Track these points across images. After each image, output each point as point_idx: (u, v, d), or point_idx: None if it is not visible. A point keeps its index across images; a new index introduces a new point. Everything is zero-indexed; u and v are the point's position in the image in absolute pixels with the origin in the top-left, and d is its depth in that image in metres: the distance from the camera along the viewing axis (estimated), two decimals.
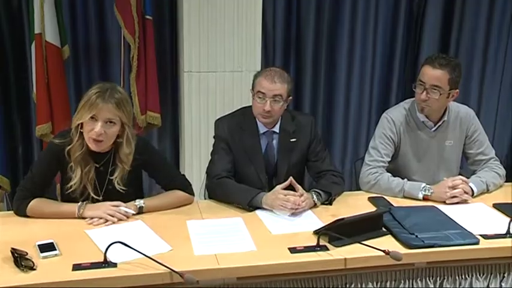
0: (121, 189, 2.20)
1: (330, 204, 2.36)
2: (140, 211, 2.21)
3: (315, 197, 2.32)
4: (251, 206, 2.27)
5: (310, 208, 2.31)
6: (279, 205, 2.21)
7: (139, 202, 2.21)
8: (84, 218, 2.14)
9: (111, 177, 2.20)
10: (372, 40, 4.08)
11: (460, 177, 2.46)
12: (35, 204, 2.16)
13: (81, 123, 2.10)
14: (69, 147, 2.14)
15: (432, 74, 2.43)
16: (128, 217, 2.15)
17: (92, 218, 2.12)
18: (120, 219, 2.14)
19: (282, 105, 2.42)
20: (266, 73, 2.41)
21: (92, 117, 2.07)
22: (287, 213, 2.22)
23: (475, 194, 2.45)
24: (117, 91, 2.13)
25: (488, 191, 2.52)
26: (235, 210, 2.29)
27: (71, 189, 2.17)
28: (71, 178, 2.17)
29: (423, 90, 2.46)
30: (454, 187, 2.39)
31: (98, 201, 2.21)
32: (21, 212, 2.17)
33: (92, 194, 2.20)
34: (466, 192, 2.40)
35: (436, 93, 2.44)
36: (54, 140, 2.20)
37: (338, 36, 4.04)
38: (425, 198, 2.40)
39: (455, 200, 2.37)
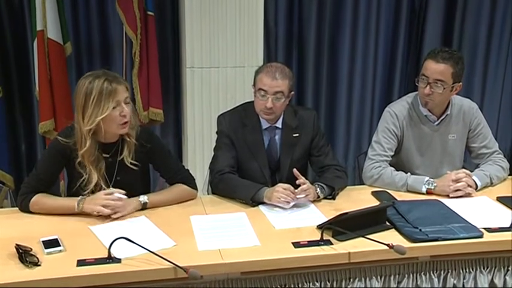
0: (132, 167, 2.21)
1: (333, 198, 2.36)
2: (144, 207, 2.21)
3: (318, 190, 2.31)
4: (254, 201, 2.27)
5: (313, 202, 2.31)
6: (275, 197, 2.21)
7: (143, 198, 2.22)
8: (84, 212, 2.12)
9: (120, 159, 2.21)
10: (374, 34, 4.07)
11: (464, 170, 2.45)
12: (37, 199, 2.16)
13: (94, 120, 2.09)
14: (82, 151, 2.13)
15: (435, 68, 2.42)
16: (121, 200, 2.12)
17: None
18: (116, 208, 2.11)
19: (283, 102, 2.41)
20: (267, 69, 2.40)
21: (116, 104, 2.10)
22: (285, 206, 2.22)
23: (478, 188, 2.44)
24: (111, 72, 2.17)
25: (491, 184, 2.51)
26: (239, 206, 2.29)
27: (89, 190, 2.17)
28: (80, 174, 2.18)
29: (426, 84, 2.45)
30: (457, 180, 2.38)
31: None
32: (25, 208, 2.17)
33: (104, 186, 2.19)
34: (469, 186, 2.39)
35: (439, 87, 2.43)
36: (58, 137, 2.20)
37: (340, 31, 4.03)
38: (428, 192, 2.40)
39: (458, 193, 2.37)
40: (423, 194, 2.40)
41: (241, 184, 2.36)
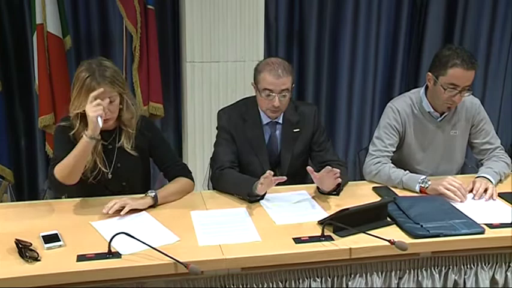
0: (131, 151, 2.23)
1: (337, 194, 2.33)
2: (155, 201, 2.17)
3: None
4: (251, 196, 2.24)
5: (314, 197, 2.29)
6: (259, 182, 2.15)
7: (151, 192, 2.18)
8: (96, 139, 2.07)
9: (118, 146, 2.23)
10: (375, 30, 4.06)
11: (480, 180, 2.38)
12: (58, 165, 2.12)
13: (80, 105, 2.10)
14: (73, 132, 2.16)
15: (466, 75, 2.38)
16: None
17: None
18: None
19: (288, 97, 2.40)
20: (269, 67, 2.35)
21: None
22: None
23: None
24: (105, 67, 2.12)
25: (500, 181, 2.49)
26: (239, 201, 2.28)
27: (85, 168, 2.17)
28: None
29: (457, 93, 2.39)
30: (447, 188, 2.28)
31: (108, 175, 2.24)
32: (55, 183, 2.12)
33: (102, 168, 2.21)
34: (486, 190, 2.32)
35: (469, 91, 2.42)
36: (60, 123, 2.23)
37: (341, 27, 4.02)
38: (422, 191, 2.36)
39: (447, 193, 2.28)
40: (417, 193, 2.36)
41: (239, 180, 2.34)
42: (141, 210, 2.13)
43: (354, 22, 4.01)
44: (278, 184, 2.49)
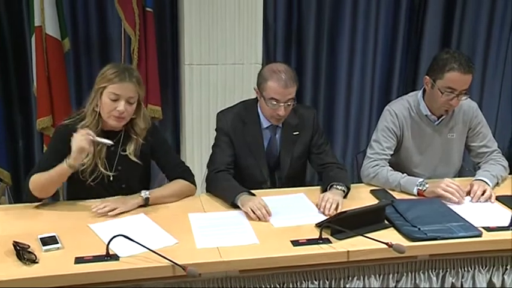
0: (135, 161, 2.26)
1: (345, 197, 2.31)
2: (146, 202, 2.20)
3: (339, 187, 2.29)
4: (234, 206, 2.22)
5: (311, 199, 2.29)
6: (249, 206, 2.12)
7: (144, 193, 2.21)
8: (75, 169, 2.11)
9: (123, 153, 2.26)
10: (373, 32, 4.07)
11: (478, 183, 2.39)
12: (34, 177, 2.15)
13: (97, 103, 2.16)
14: (82, 123, 2.18)
15: (464, 79, 2.38)
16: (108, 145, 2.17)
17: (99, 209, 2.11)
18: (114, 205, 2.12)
19: (292, 105, 2.40)
20: (277, 77, 2.32)
21: (115, 98, 2.14)
22: (255, 217, 2.11)
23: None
24: (133, 70, 2.23)
25: (497, 184, 2.49)
26: None
27: (83, 167, 2.18)
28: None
29: (454, 97, 2.40)
30: (446, 189, 2.29)
31: (108, 178, 2.24)
32: (28, 193, 2.14)
33: (103, 170, 2.22)
34: (484, 192, 2.32)
35: (466, 95, 2.43)
36: (64, 122, 2.24)
37: (339, 29, 4.02)
38: (419, 194, 2.36)
39: (446, 194, 2.29)
40: (415, 195, 2.37)
41: (227, 186, 2.32)
42: (138, 212, 2.14)
43: (352, 24, 4.02)
44: (277, 187, 2.52)
